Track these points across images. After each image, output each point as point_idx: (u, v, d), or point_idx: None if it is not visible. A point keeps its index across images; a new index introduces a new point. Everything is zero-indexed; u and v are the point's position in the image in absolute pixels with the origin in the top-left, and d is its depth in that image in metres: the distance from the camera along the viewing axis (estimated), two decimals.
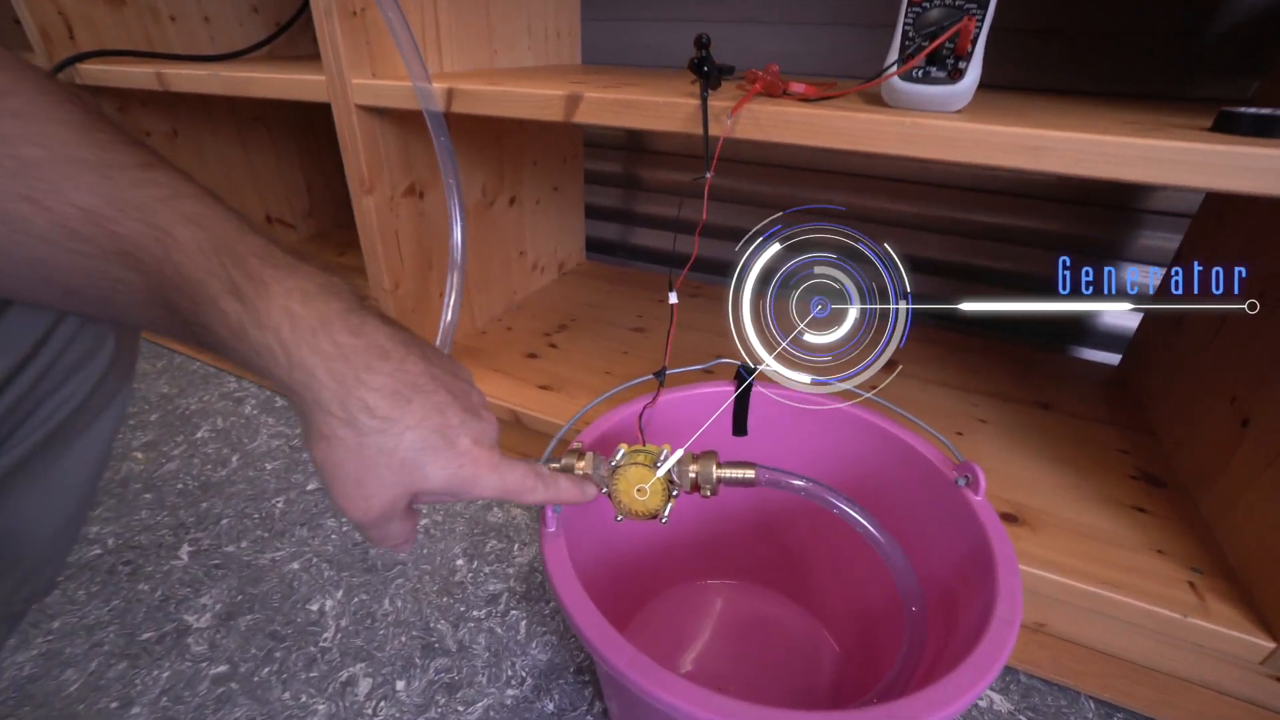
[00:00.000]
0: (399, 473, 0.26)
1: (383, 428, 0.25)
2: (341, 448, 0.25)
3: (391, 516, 0.27)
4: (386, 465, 0.25)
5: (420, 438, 0.26)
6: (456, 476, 0.27)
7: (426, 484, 0.26)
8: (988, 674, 0.27)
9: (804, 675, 0.49)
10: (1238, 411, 0.52)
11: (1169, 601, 0.45)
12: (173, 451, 0.77)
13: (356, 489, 0.25)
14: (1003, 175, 0.83)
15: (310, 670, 0.51)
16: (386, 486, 0.26)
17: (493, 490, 0.28)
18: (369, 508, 0.26)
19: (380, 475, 0.25)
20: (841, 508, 0.33)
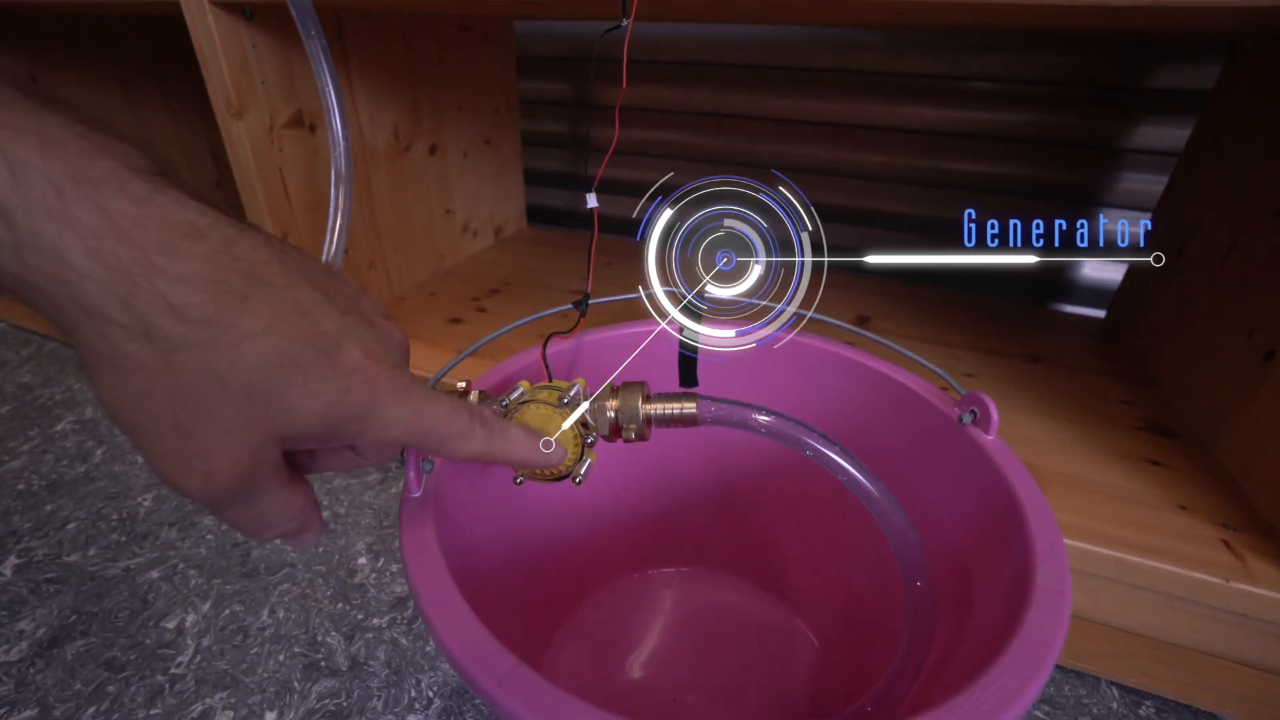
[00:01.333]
0: (245, 408, 0.16)
1: (203, 336, 0.16)
2: (137, 374, 0.15)
3: (253, 485, 0.18)
4: (221, 398, 0.16)
5: (273, 349, 0.16)
6: (342, 406, 0.18)
7: (294, 421, 0.17)
8: (1039, 671, 0.18)
9: (777, 678, 0.40)
10: (1259, 345, 0.46)
11: (1205, 564, 0.38)
12: (20, 448, 0.64)
13: (179, 442, 0.16)
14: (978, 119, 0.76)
15: (152, 706, 0.40)
16: (227, 432, 0.17)
17: (403, 428, 0.19)
18: (208, 470, 0.17)
19: (213, 415, 0.16)
20: (818, 448, 0.24)
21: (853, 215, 0.88)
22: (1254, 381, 0.45)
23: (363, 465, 0.23)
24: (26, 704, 0.40)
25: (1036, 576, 0.21)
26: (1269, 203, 0.48)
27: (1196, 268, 0.55)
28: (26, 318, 0.87)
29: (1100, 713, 0.41)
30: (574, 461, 0.26)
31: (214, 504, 0.18)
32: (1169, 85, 0.68)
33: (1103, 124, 0.72)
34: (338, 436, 0.18)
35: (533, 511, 0.37)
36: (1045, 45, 0.71)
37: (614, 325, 0.37)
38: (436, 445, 0.20)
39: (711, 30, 0.84)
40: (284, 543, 0.20)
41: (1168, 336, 0.58)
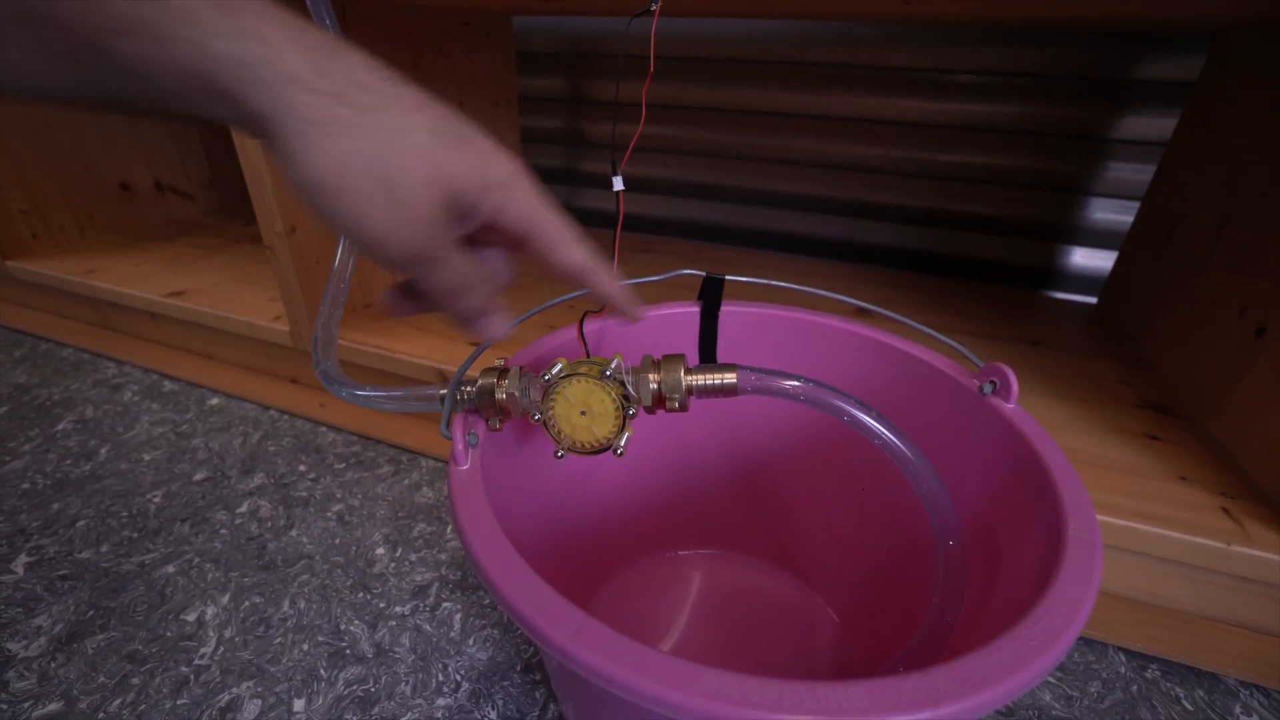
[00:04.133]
0: (426, 164, 0.19)
1: (383, 104, 0.18)
2: (345, 135, 0.18)
3: (447, 240, 0.21)
4: (410, 153, 0.19)
5: (429, 121, 0.19)
6: (490, 175, 0.20)
7: (459, 180, 0.20)
8: (1081, 607, 0.19)
9: (800, 653, 0.41)
10: (1250, 322, 0.47)
11: (1207, 530, 0.39)
12: (21, 448, 0.63)
13: (387, 194, 0.19)
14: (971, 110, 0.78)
15: (179, 696, 0.40)
16: (421, 185, 0.19)
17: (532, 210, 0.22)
18: (414, 220, 0.19)
19: (408, 168, 0.19)
20: (854, 413, 0.25)
21: (849, 207, 0.90)
22: (1246, 357, 0.47)
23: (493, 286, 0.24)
24: (50, 697, 0.40)
25: (1069, 528, 0.22)
26: (1256, 186, 0.50)
27: (1187, 251, 0.57)
28: (16, 319, 0.86)
29: (1109, 677, 0.42)
30: (615, 433, 0.27)
31: (424, 259, 0.20)
32: (1155, 77, 0.70)
33: (1092, 115, 0.74)
34: (483, 206, 0.21)
35: (561, 491, 0.38)
36: (1035, 39, 0.73)
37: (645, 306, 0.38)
38: (552, 242, 0.22)
39: (708, 26, 0.85)
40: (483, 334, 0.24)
41: (1161, 318, 0.60)
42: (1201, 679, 0.42)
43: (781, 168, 0.90)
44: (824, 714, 0.16)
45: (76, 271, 0.78)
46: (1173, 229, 0.61)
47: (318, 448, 0.63)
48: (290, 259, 0.58)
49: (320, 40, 0.18)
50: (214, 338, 0.73)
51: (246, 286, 0.74)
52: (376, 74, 0.19)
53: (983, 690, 0.17)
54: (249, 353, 0.72)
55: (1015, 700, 0.40)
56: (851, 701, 0.17)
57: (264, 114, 0.17)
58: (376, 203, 0.18)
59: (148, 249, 0.87)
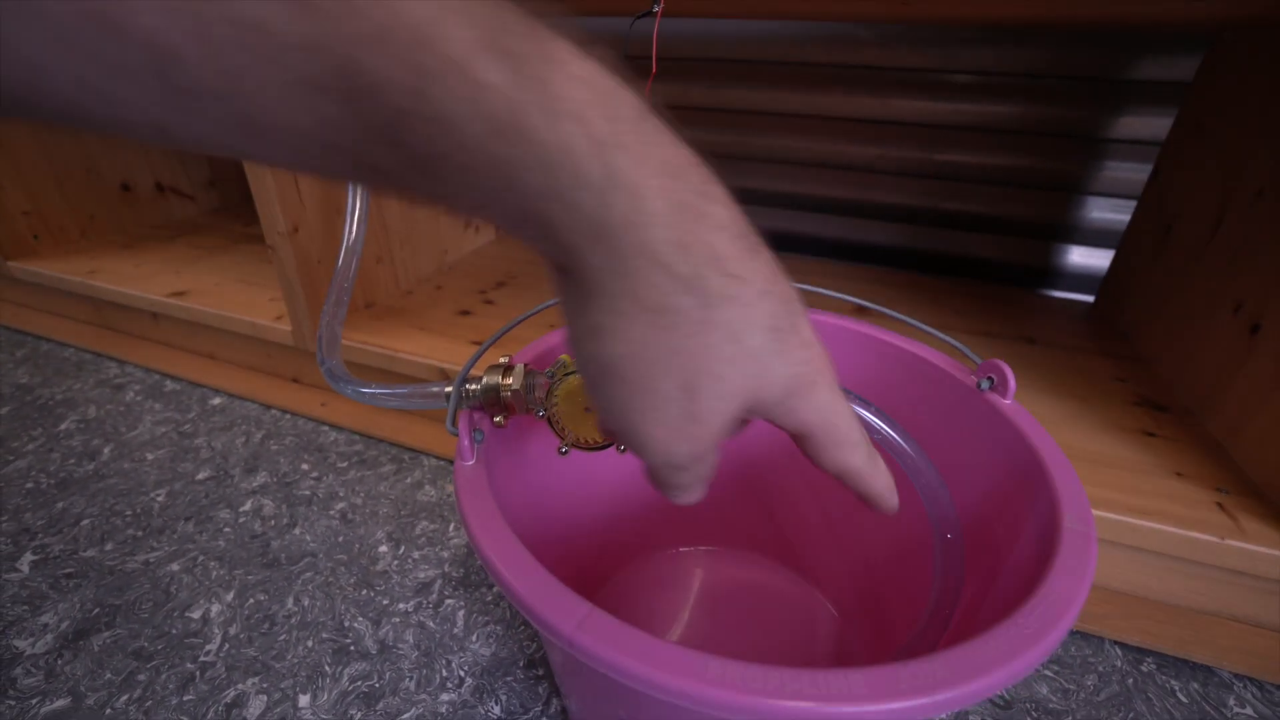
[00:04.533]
0: (749, 371, 0.15)
1: (735, 292, 0.15)
2: (676, 332, 0.14)
3: (719, 444, 0.17)
4: (731, 361, 0.15)
5: (772, 313, 0.15)
6: (799, 379, 0.16)
7: (767, 388, 0.16)
8: (1075, 598, 0.20)
9: (800, 648, 0.42)
10: (1245, 319, 0.48)
11: (1202, 524, 0.40)
12: (24, 448, 0.63)
13: (684, 404, 0.15)
14: (968, 110, 0.79)
15: (185, 693, 0.40)
16: (728, 396, 0.15)
17: (822, 414, 0.18)
18: (699, 435, 0.16)
19: (723, 378, 0.15)
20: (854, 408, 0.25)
21: (847, 207, 0.90)
22: (1241, 354, 0.47)
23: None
24: (58, 694, 0.40)
25: (1064, 520, 0.23)
26: (1250, 185, 0.50)
27: (1182, 250, 0.58)
28: (17, 319, 0.86)
29: (1105, 670, 0.43)
30: None
31: (684, 466, 0.17)
32: (1150, 77, 0.71)
33: (1088, 115, 0.75)
34: (781, 408, 0.17)
35: (564, 488, 0.38)
36: (1032, 39, 0.73)
37: None
38: (833, 442, 0.18)
39: (707, 26, 0.85)
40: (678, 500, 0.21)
41: (1157, 316, 0.61)
42: (1196, 672, 0.43)
43: (780, 167, 0.91)
44: (824, 700, 0.17)
45: (78, 272, 0.78)
46: (1168, 228, 0.61)
47: (320, 447, 0.64)
48: (293, 259, 0.58)
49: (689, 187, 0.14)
50: (216, 338, 0.74)
51: (248, 286, 0.75)
52: (736, 241, 0.15)
53: (978, 678, 0.18)
54: (251, 352, 0.72)
55: (1013, 693, 0.41)
56: (851, 688, 0.17)
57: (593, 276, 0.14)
58: (669, 410, 0.15)
59: (149, 249, 0.87)
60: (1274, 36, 0.51)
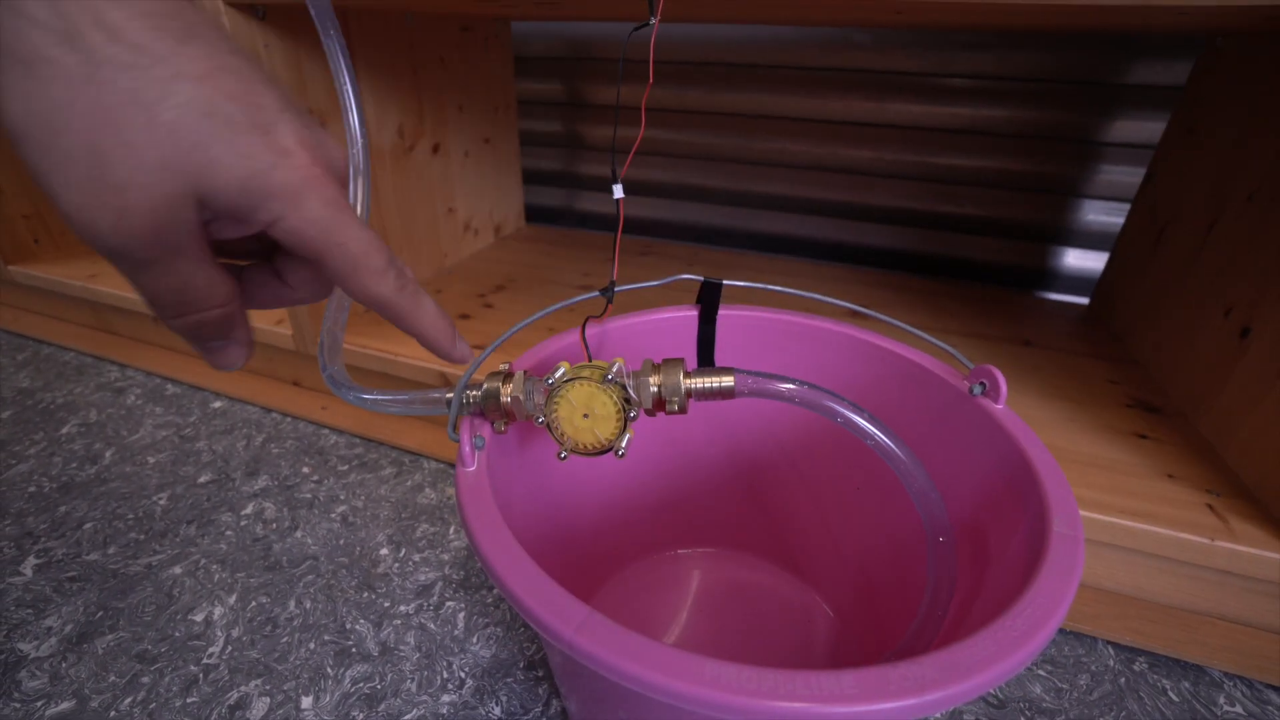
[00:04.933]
0: (167, 146, 0.15)
1: (134, 61, 0.15)
2: (57, 84, 0.14)
3: (170, 243, 0.16)
4: (145, 128, 0.15)
5: (204, 97, 0.15)
6: (265, 179, 0.16)
7: (215, 177, 0.16)
8: (1062, 600, 0.20)
9: (798, 649, 0.42)
10: (1235, 323, 0.49)
11: (1192, 526, 0.41)
12: (26, 451, 0.63)
13: (92, 167, 0.15)
14: (964, 114, 0.79)
15: (189, 695, 0.41)
16: (147, 169, 0.15)
17: (320, 228, 0.17)
18: (122, 206, 0.15)
19: (133, 145, 0.15)
20: (846, 414, 0.26)
21: (844, 210, 0.91)
22: (1232, 357, 0.48)
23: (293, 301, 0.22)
24: (62, 696, 0.40)
25: (1053, 525, 0.23)
26: (1243, 188, 0.51)
27: (1175, 253, 0.59)
28: (18, 323, 0.86)
29: (1098, 670, 0.43)
30: (616, 435, 0.28)
31: (128, 255, 0.16)
32: (1144, 81, 0.71)
33: (1082, 119, 0.75)
34: (254, 215, 0.17)
35: (563, 492, 0.39)
36: (1027, 43, 0.74)
37: (637, 311, 0.39)
38: (347, 269, 0.19)
39: (705, 30, 0.86)
40: (208, 359, 0.21)
41: (1150, 319, 0.61)
42: (1187, 671, 0.43)
43: (778, 171, 0.91)
44: (815, 700, 0.17)
45: (79, 276, 0.79)
46: (1162, 231, 0.62)
47: (320, 450, 0.64)
48: None
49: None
50: None
51: None
52: (149, 23, 0.15)
53: (967, 678, 0.18)
54: None
55: (1007, 692, 0.41)
56: (842, 689, 0.18)
57: None
58: (77, 174, 0.15)
59: None
60: (1265, 43, 0.51)
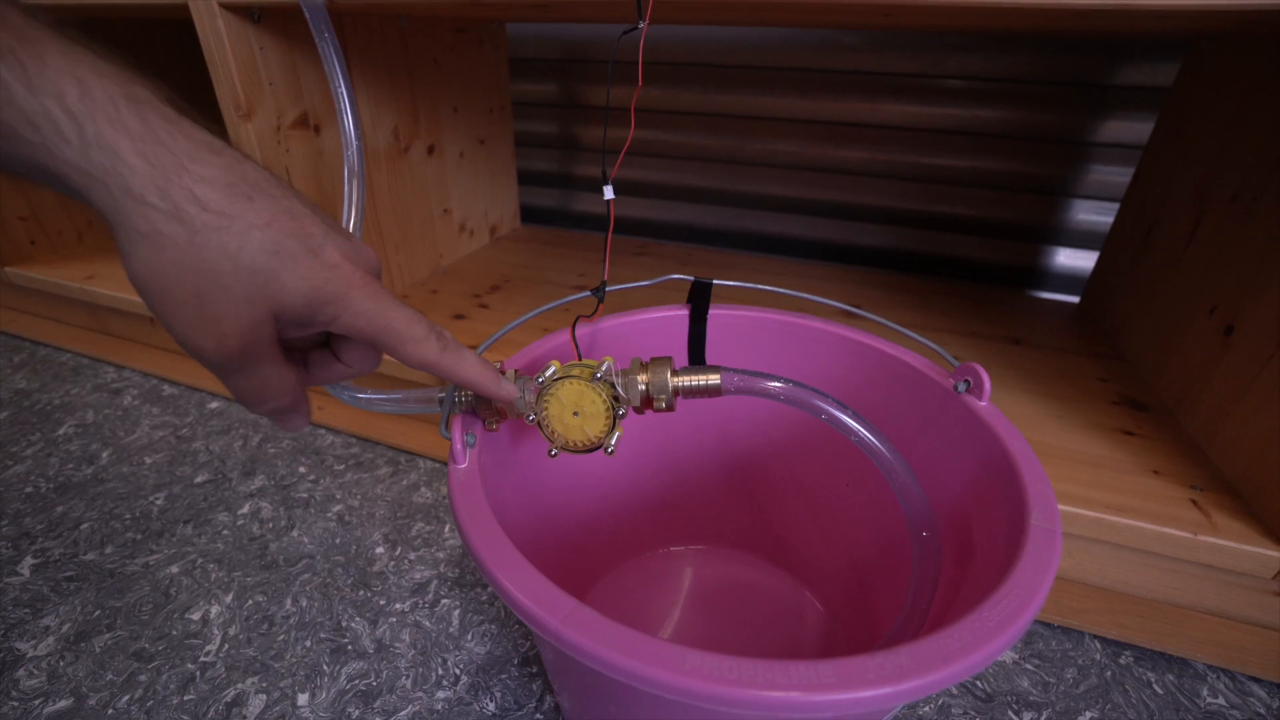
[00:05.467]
0: (249, 284, 0.20)
1: (219, 224, 0.19)
2: (169, 249, 0.19)
3: (254, 353, 0.22)
4: (232, 274, 0.20)
5: (271, 239, 0.20)
6: (322, 291, 0.21)
7: (285, 298, 0.21)
8: (1037, 592, 0.21)
9: (789, 643, 0.43)
10: (1219, 321, 0.49)
11: (1176, 521, 0.41)
12: (23, 452, 0.64)
13: (198, 308, 0.20)
14: (956, 115, 0.80)
15: (185, 693, 0.41)
16: (236, 302, 0.20)
17: (367, 320, 0.22)
18: (221, 334, 0.20)
19: (226, 287, 0.20)
20: (831, 412, 0.26)
21: (837, 210, 0.91)
22: (1216, 355, 0.49)
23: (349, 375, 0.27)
24: (60, 695, 0.41)
25: (1030, 518, 0.24)
26: (1227, 189, 0.52)
27: (1162, 252, 0.59)
28: (14, 325, 0.86)
29: (1085, 663, 0.44)
30: (605, 433, 0.28)
31: (223, 366, 0.21)
32: (1132, 82, 0.72)
33: (1072, 119, 0.76)
34: (316, 319, 0.22)
35: (555, 490, 0.39)
36: (1018, 45, 0.75)
37: (627, 311, 0.39)
38: (395, 344, 0.23)
39: (701, 32, 0.86)
40: (275, 424, 0.26)
41: (1137, 317, 0.62)
42: (1172, 664, 0.44)
43: (771, 171, 0.92)
44: (795, 689, 0.18)
45: (76, 278, 0.79)
46: (1150, 230, 0.62)
47: (317, 449, 0.64)
48: None
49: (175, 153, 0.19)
50: None
51: None
52: (226, 191, 0.20)
53: (942, 666, 0.19)
54: None
55: (994, 686, 0.42)
56: (821, 677, 0.18)
57: (105, 214, 0.19)
58: (187, 314, 0.20)
59: None
60: (1248, 46, 0.52)
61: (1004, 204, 0.83)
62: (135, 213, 0.19)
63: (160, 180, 0.19)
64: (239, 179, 0.20)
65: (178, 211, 0.19)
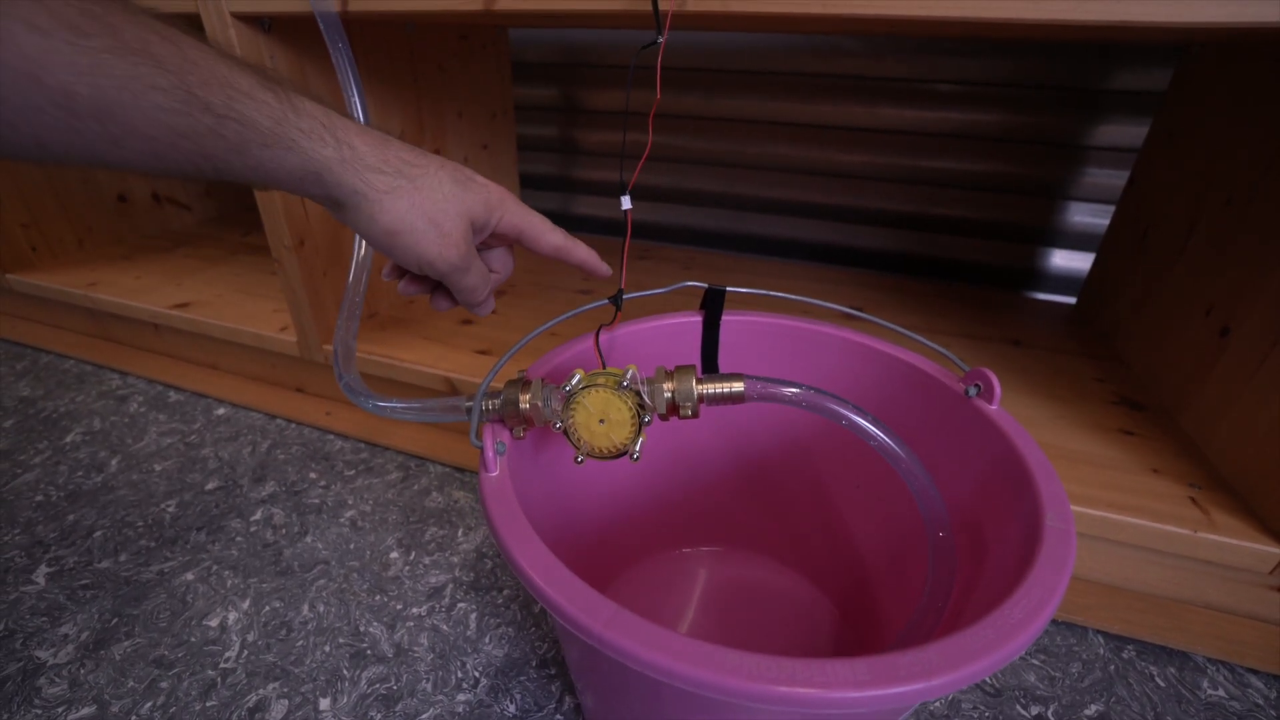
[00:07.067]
0: (454, 203, 0.29)
1: (423, 171, 0.28)
2: (404, 197, 0.28)
3: (472, 254, 0.31)
4: (444, 200, 0.29)
5: (450, 175, 0.29)
6: (489, 202, 0.31)
7: (474, 210, 0.30)
8: (1055, 590, 0.22)
9: (802, 643, 0.44)
10: (1215, 321, 0.51)
11: (1176, 518, 0.42)
12: (31, 460, 0.64)
13: (437, 231, 0.29)
14: (954, 119, 0.81)
15: (208, 699, 0.42)
16: (453, 218, 0.29)
17: (519, 217, 0.32)
18: (456, 243, 0.29)
19: (445, 210, 0.29)
20: (851, 417, 0.27)
21: (837, 212, 0.92)
22: (1212, 356, 0.50)
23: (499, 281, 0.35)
24: (83, 702, 0.41)
25: (1045, 520, 0.25)
26: (1221, 192, 0.53)
27: (1158, 254, 0.61)
28: (15, 332, 0.86)
29: (1089, 658, 0.45)
30: (631, 440, 0.29)
31: (460, 267, 0.30)
32: (1127, 87, 0.74)
33: (1068, 123, 0.77)
34: (489, 223, 0.31)
35: (575, 494, 0.40)
36: (1014, 50, 0.76)
37: (644, 318, 0.40)
38: (538, 235, 0.33)
39: (702, 38, 0.87)
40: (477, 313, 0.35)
41: (1134, 319, 0.64)
42: (1173, 657, 0.45)
43: (773, 174, 0.93)
44: (831, 687, 0.19)
45: (78, 285, 0.79)
46: (1145, 232, 0.64)
47: (326, 455, 0.65)
48: (299, 272, 0.59)
49: (377, 138, 0.28)
50: (219, 349, 0.74)
51: (250, 297, 0.76)
52: (413, 153, 0.29)
53: (970, 663, 0.19)
54: (254, 363, 0.73)
55: (1002, 681, 0.43)
56: (855, 675, 0.19)
57: (352, 189, 0.27)
58: (431, 237, 0.29)
59: (147, 260, 0.87)
60: (1238, 53, 0.53)
61: (1001, 206, 0.84)
62: (376, 182, 0.27)
63: (379, 156, 0.27)
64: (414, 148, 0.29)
65: (401, 170, 0.28)
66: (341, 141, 0.26)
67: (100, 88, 0.20)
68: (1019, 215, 0.84)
